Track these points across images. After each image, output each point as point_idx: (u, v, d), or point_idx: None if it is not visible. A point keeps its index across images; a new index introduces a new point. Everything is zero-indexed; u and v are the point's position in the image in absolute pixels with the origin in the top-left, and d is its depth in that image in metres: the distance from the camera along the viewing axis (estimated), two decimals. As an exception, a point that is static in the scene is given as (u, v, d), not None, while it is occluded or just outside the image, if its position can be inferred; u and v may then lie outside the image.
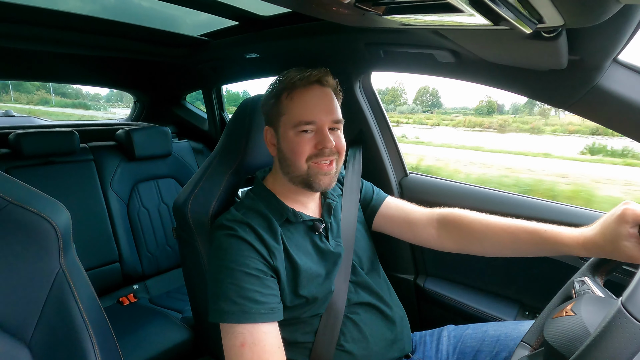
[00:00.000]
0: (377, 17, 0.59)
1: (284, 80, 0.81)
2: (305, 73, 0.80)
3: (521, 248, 0.82)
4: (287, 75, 0.81)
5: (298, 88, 0.80)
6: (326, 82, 0.82)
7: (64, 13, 1.26)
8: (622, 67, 0.79)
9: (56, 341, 0.54)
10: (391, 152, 1.40)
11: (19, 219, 0.52)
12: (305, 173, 0.81)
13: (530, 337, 0.68)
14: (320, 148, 0.79)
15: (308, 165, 0.80)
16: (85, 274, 0.61)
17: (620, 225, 0.66)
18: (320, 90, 0.81)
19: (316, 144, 0.79)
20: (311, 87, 0.81)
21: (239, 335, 0.68)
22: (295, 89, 0.80)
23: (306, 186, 0.82)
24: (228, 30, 1.51)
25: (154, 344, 1.32)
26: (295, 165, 0.81)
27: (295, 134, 0.80)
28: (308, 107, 0.79)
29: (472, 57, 0.95)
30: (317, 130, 0.80)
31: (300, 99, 0.80)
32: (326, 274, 0.83)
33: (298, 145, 0.79)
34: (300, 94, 0.80)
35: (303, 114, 0.79)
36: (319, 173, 0.80)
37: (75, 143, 1.64)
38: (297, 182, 0.83)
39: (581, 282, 0.66)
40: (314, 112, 0.79)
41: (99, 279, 1.62)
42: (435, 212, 0.96)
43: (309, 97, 0.80)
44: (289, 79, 0.80)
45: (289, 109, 0.80)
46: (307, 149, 0.79)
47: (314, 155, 0.80)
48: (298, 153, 0.80)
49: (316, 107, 0.80)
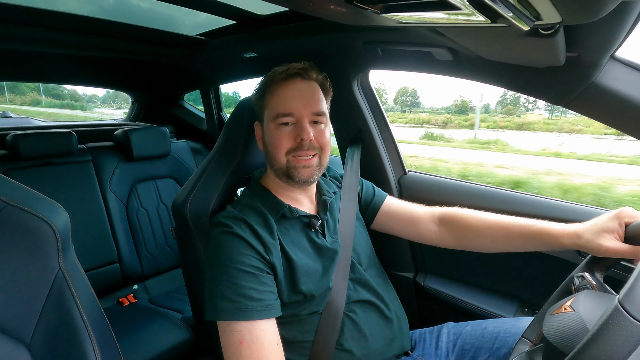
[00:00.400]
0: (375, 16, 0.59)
1: (267, 75, 0.83)
2: (285, 67, 0.81)
3: (514, 242, 0.86)
4: (272, 70, 0.83)
5: (278, 82, 0.81)
6: (308, 75, 0.82)
7: (63, 14, 1.26)
8: (619, 64, 0.79)
9: (56, 342, 0.54)
10: (390, 150, 1.40)
11: (17, 221, 0.52)
12: (285, 166, 0.81)
13: (530, 333, 0.69)
14: (299, 141, 0.79)
15: (287, 159, 0.81)
16: (85, 275, 0.61)
17: (610, 220, 0.70)
18: (302, 83, 0.82)
19: (295, 137, 0.80)
20: (292, 81, 0.81)
21: (237, 332, 0.68)
22: (275, 83, 0.81)
23: (287, 178, 0.83)
24: (226, 30, 1.51)
25: (154, 345, 1.32)
26: (276, 159, 0.82)
27: (275, 126, 0.80)
28: (287, 99, 0.80)
29: (469, 54, 0.95)
30: (297, 122, 0.80)
31: (279, 92, 0.81)
32: (323, 270, 0.84)
33: (277, 139, 0.80)
34: (279, 87, 0.81)
35: (281, 106, 0.80)
36: (297, 166, 0.81)
37: (73, 144, 1.64)
38: (279, 175, 0.84)
39: (581, 277, 0.66)
40: (292, 105, 0.80)
41: (99, 279, 1.61)
42: (436, 210, 0.99)
43: (288, 90, 0.81)
44: (271, 73, 0.82)
45: (270, 102, 0.82)
46: (285, 142, 0.80)
47: (293, 149, 0.80)
48: (277, 146, 0.80)
49: (295, 100, 0.80)
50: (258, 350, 0.66)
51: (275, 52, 1.47)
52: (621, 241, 0.68)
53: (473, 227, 0.91)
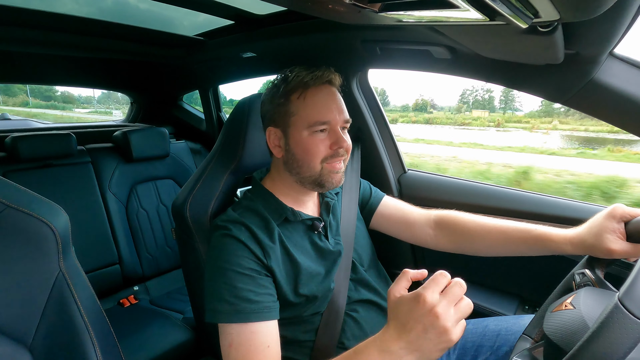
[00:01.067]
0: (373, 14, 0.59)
1: (293, 80, 0.79)
2: (317, 72, 0.79)
3: (513, 247, 0.85)
4: (295, 75, 0.79)
5: (310, 87, 0.78)
6: (335, 82, 0.82)
7: (61, 15, 1.25)
8: (618, 61, 0.79)
9: (57, 344, 0.54)
10: (389, 149, 1.40)
11: (17, 223, 0.52)
12: (318, 173, 0.80)
13: (532, 330, 0.69)
14: (336, 148, 0.79)
15: (322, 167, 0.80)
16: (85, 277, 0.61)
17: (607, 221, 0.70)
18: (330, 90, 0.81)
19: (331, 145, 0.79)
20: (323, 87, 0.80)
21: (228, 335, 0.68)
22: (308, 89, 0.78)
23: (317, 186, 0.82)
24: (224, 30, 1.51)
25: (155, 345, 1.32)
26: (309, 166, 0.80)
27: (310, 134, 0.78)
28: (324, 107, 0.78)
29: (468, 52, 0.95)
30: (331, 130, 0.79)
31: (313, 98, 0.78)
32: (325, 273, 0.84)
33: (313, 146, 0.78)
34: (313, 94, 0.78)
35: (318, 114, 0.78)
36: (331, 172, 0.80)
37: (72, 146, 1.63)
38: (307, 183, 0.82)
39: (581, 274, 0.66)
40: (330, 112, 0.79)
41: (99, 281, 1.61)
42: (432, 213, 0.98)
43: (322, 97, 0.79)
44: (299, 78, 0.78)
45: (301, 108, 0.78)
46: (321, 149, 0.79)
47: (329, 157, 0.79)
48: (313, 154, 0.79)
49: (330, 107, 0.79)
50: (243, 354, 0.66)
51: (274, 51, 1.47)
52: (624, 239, 0.68)
53: (470, 232, 0.90)
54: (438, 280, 0.52)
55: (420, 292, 0.51)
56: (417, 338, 0.51)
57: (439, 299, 0.51)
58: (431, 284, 0.52)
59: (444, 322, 0.49)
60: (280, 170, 0.86)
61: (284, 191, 0.86)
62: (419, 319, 0.51)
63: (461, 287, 0.53)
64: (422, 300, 0.50)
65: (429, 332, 0.50)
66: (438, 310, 0.50)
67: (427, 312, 0.50)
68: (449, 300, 0.51)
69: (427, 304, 0.50)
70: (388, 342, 0.53)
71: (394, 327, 0.54)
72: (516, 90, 0.99)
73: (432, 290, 0.51)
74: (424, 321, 0.50)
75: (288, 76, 0.80)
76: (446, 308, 0.50)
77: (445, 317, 0.50)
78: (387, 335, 0.54)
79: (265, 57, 1.53)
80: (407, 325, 0.52)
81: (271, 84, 0.84)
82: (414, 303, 0.51)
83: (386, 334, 0.54)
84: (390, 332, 0.54)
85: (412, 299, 0.52)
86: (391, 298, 0.56)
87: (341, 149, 0.79)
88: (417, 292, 0.52)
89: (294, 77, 0.79)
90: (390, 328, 0.54)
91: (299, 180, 0.83)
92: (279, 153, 0.83)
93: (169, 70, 2.18)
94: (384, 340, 0.54)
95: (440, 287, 0.52)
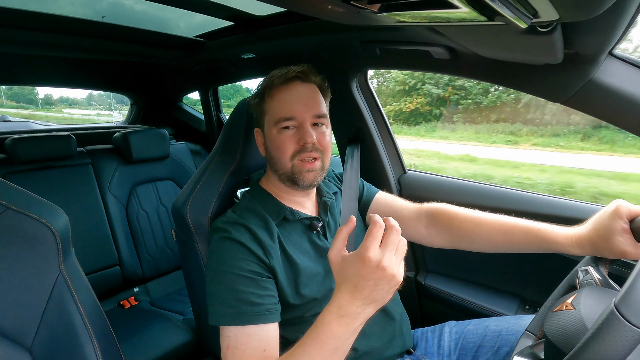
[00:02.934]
0: (372, 15, 0.59)
1: (265, 80, 0.82)
2: (284, 70, 0.80)
3: (514, 246, 0.83)
4: (270, 74, 0.82)
5: (277, 85, 0.80)
6: (307, 78, 0.82)
7: (58, 17, 1.25)
8: (617, 61, 0.79)
9: (57, 346, 0.54)
10: (389, 149, 1.40)
11: (17, 224, 0.52)
12: (290, 171, 0.81)
13: (535, 327, 0.69)
14: (302, 144, 0.79)
15: (292, 164, 0.80)
16: (86, 278, 0.61)
17: (613, 221, 0.68)
18: (301, 86, 0.81)
19: (298, 140, 0.80)
20: (291, 84, 0.81)
21: (226, 337, 0.68)
22: (275, 87, 0.80)
23: (292, 183, 0.83)
24: (223, 31, 1.51)
25: (156, 347, 1.32)
26: (281, 163, 0.81)
27: (278, 131, 0.80)
28: (287, 103, 0.80)
29: (467, 53, 0.95)
30: (299, 126, 0.80)
31: (279, 95, 0.80)
32: (325, 272, 0.83)
33: (281, 143, 0.80)
34: (279, 91, 0.80)
35: (282, 110, 0.79)
36: (302, 170, 0.81)
37: (72, 147, 1.63)
38: (284, 180, 0.84)
39: (585, 271, 0.66)
40: (294, 108, 0.79)
41: (99, 282, 1.61)
42: (422, 209, 0.96)
43: (288, 94, 0.80)
44: (269, 77, 0.81)
45: (270, 106, 0.81)
46: (289, 146, 0.80)
47: (297, 152, 0.80)
48: (282, 150, 0.80)
49: (296, 103, 0.80)
50: (239, 356, 0.66)
51: (274, 52, 1.47)
52: (633, 239, 0.66)
53: (467, 229, 0.88)
54: (375, 234, 0.54)
55: (363, 252, 0.53)
56: (371, 292, 0.54)
57: (381, 253, 0.53)
58: (370, 239, 0.54)
59: (391, 271, 0.53)
60: (269, 170, 0.88)
61: (280, 191, 0.87)
62: (369, 276, 0.53)
63: (397, 231, 0.55)
64: (367, 259, 0.53)
65: (379, 284, 0.53)
66: (384, 264, 0.52)
67: (375, 268, 0.52)
68: (390, 250, 0.53)
69: (373, 261, 0.52)
70: (345, 306, 0.55)
71: (345, 290, 0.56)
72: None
73: (373, 245, 0.53)
74: (374, 277, 0.53)
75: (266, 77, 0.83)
76: (390, 258, 0.53)
77: (391, 266, 0.53)
78: (342, 300, 0.56)
79: (265, 58, 1.53)
80: (359, 285, 0.54)
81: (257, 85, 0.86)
82: (360, 263, 0.53)
83: (340, 299, 0.56)
84: (344, 296, 0.56)
85: (357, 259, 0.54)
86: (333, 260, 0.58)
87: (307, 144, 0.79)
88: (359, 253, 0.54)
89: (268, 77, 0.82)
90: (342, 292, 0.56)
91: (278, 178, 0.85)
92: (263, 152, 0.87)
93: (169, 72, 2.19)
94: (340, 305, 0.56)
95: (379, 240, 0.54)
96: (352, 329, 0.56)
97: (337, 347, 0.57)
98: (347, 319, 0.55)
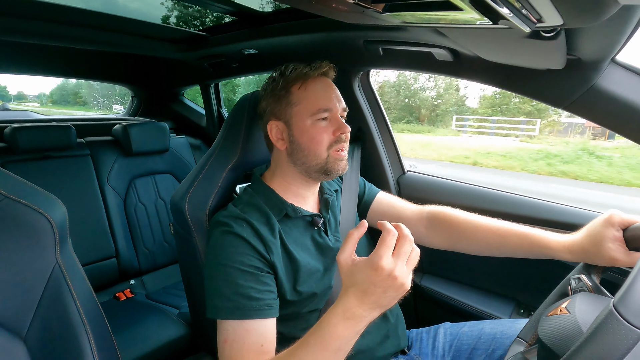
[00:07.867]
0: (377, 15, 0.59)
1: (292, 72, 0.81)
2: (314, 64, 0.82)
3: (509, 250, 0.85)
4: (294, 67, 0.82)
5: (310, 78, 0.81)
6: (330, 75, 0.85)
7: (61, 6, 1.25)
8: (620, 68, 0.79)
9: (52, 336, 0.54)
10: (389, 150, 1.40)
11: (14, 214, 0.52)
12: (325, 161, 0.82)
13: (526, 334, 0.69)
14: (339, 134, 0.81)
15: (328, 154, 0.81)
16: (82, 269, 0.61)
17: (606, 228, 0.70)
18: (329, 81, 0.84)
19: (334, 131, 0.81)
20: (322, 78, 0.83)
21: (224, 331, 0.69)
22: (308, 79, 0.81)
23: (323, 174, 0.83)
24: (227, 26, 1.51)
25: (150, 340, 1.32)
26: (316, 154, 0.81)
27: (313, 122, 0.80)
28: (324, 95, 0.81)
29: (470, 55, 0.95)
30: (332, 118, 0.82)
31: (315, 87, 0.81)
32: (324, 269, 0.84)
33: (317, 134, 0.80)
34: (313, 84, 0.81)
35: (320, 102, 0.80)
36: (337, 159, 0.82)
37: (71, 138, 1.63)
38: (313, 172, 0.83)
39: (577, 279, 0.66)
40: (330, 100, 0.81)
41: (96, 274, 1.61)
42: (424, 210, 0.98)
43: (322, 87, 0.82)
44: (298, 70, 0.81)
45: (303, 98, 0.81)
46: (325, 137, 0.81)
47: (333, 143, 0.81)
48: (318, 141, 0.80)
49: (330, 96, 0.82)
50: (236, 350, 0.67)
51: (277, 49, 1.47)
52: (624, 247, 0.68)
53: (465, 232, 0.90)
54: (389, 242, 0.54)
55: (375, 260, 0.53)
56: (379, 298, 0.55)
57: (394, 262, 0.53)
58: (383, 247, 0.54)
59: (401, 281, 0.53)
60: (282, 164, 0.86)
61: (285, 186, 0.86)
62: (379, 284, 0.53)
63: (410, 241, 0.55)
64: (379, 268, 0.53)
65: (388, 292, 0.54)
66: (396, 273, 0.53)
67: (386, 277, 0.53)
68: (402, 260, 0.54)
69: (385, 270, 0.52)
70: (352, 309, 0.56)
71: (354, 294, 0.56)
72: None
73: (386, 254, 0.53)
74: (384, 285, 0.53)
75: (286, 70, 0.82)
76: (402, 268, 0.53)
77: (402, 276, 0.53)
78: (349, 303, 0.56)
79: (268, 54, 1.53)
80: (368, 290, 0.55)
81: (269, 80, 0.86)
82: (371, 271, 0.53)
83: (347, 302, 0.56)
84: (351, 300, 0.56)
85: (368, 266, 0.54)
86: (343, 264, 0.58)
87: (344, 135, 0.82)
88: (372, 260, 0.54)
89: (292, 69, 0.82)
90: (350, 295, 0.56)
91: (304, 171, 0.84)
92: (283, 145, 0.84)
93: (171, 65, 2.18)
94: (346, 308, 0.56)
95: (392, 248, 0.54)
96: (356, 331, 0.57)
97: (339, 348, 0.57)
98: (352, 321, 0.56)
